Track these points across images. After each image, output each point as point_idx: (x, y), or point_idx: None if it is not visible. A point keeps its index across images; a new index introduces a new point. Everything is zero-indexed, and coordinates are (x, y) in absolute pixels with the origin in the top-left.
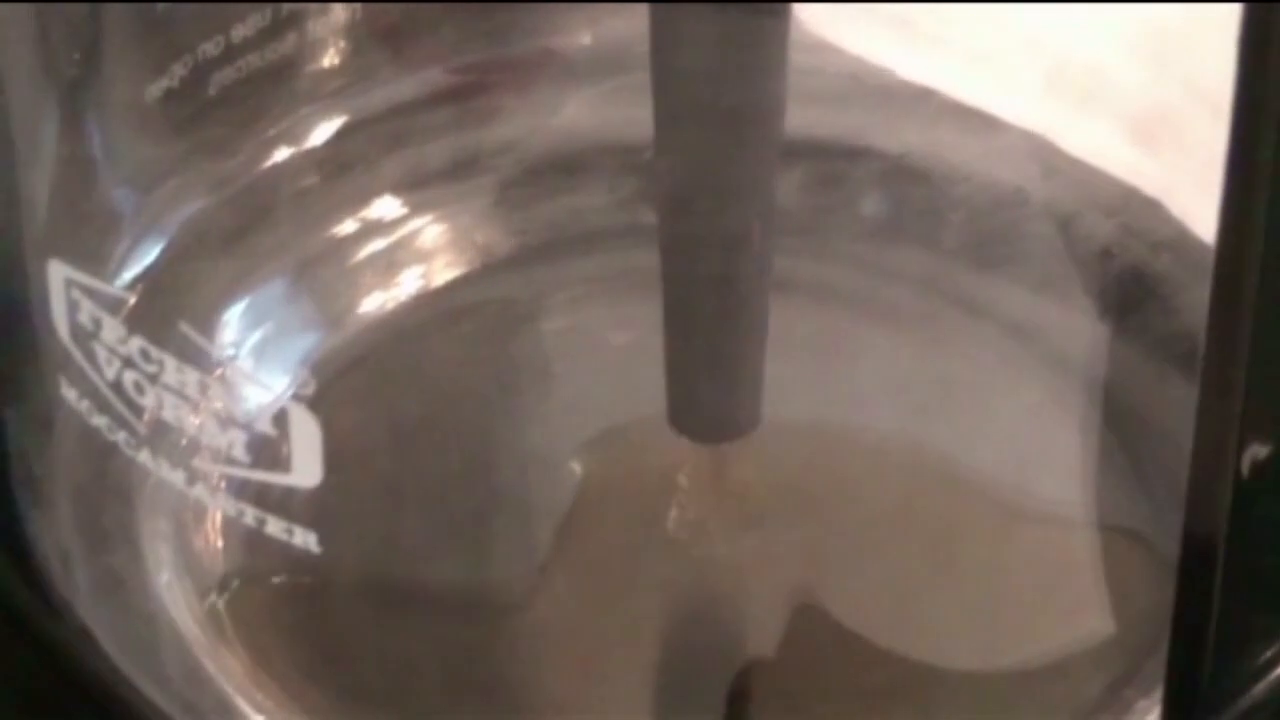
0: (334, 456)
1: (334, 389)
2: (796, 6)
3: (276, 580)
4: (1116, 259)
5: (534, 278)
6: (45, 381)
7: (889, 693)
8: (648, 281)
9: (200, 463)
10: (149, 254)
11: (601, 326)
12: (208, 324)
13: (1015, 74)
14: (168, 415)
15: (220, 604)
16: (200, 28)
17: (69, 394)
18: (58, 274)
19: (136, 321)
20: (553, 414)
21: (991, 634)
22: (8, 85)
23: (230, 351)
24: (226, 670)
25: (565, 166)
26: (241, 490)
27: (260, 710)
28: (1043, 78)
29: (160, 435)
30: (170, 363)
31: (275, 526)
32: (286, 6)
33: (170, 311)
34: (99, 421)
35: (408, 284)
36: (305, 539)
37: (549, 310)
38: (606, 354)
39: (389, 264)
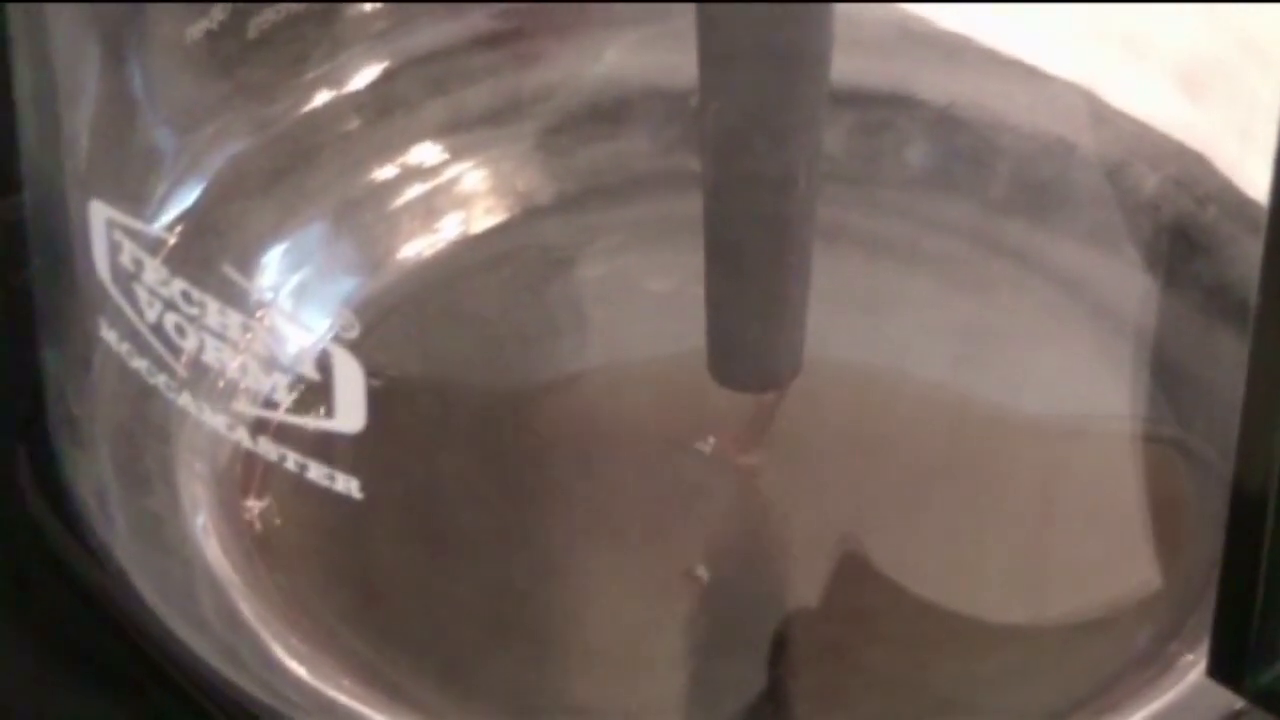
0: (374, 402)
1: (373, 334)
2: None
3: (315, 525)
4: (1163, 211)
5: (574, 224)
6: (85, 322)
7: (935, 642)
8: (689, 229)
9: (241, 407)
10: (189, 195)
11: (642, 274)
12: (247, 267)
13: (1065, 23)
14: (209, 358)
15: (258, 548)
16: None
17: (109, 336)
18: (99, 215)
19: (177, 263)
20: (592, 361)
21: (1037, 586)
22: (51, 25)
23: (269, 295)
24: (263, 615)
25: (607, 113)
26: (283, 435)
27: (296, 655)
28: (1092, 27)
29: (200, 378)
30: (213, 305)
31: (317, 472)
32: None
33: (211, 253)
34: (139, 364)
35: (448, 229)
36: (348, 485)
37: (589, 257)
38: (646, 302)
39: (429, 209)
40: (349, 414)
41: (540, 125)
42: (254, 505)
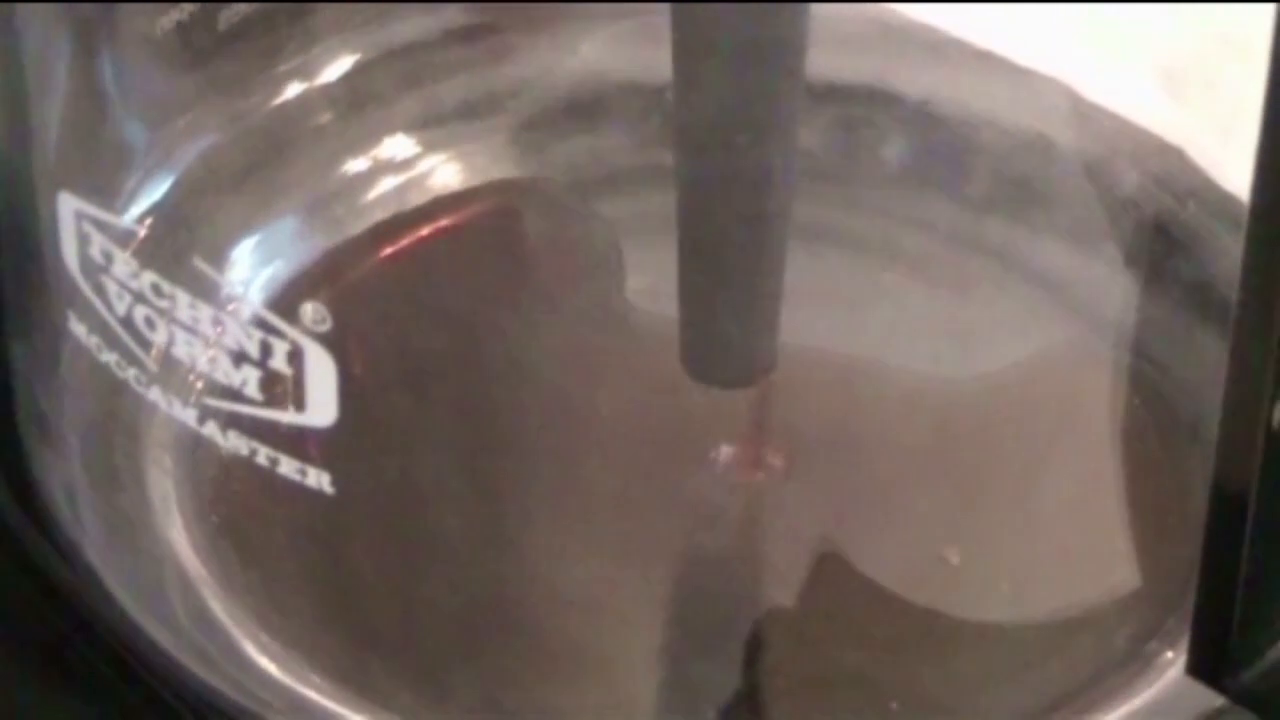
0: (347, 396)
1: (345, 328)
2: None
3: (287, 521)
4: (1143, 208)
5: None
6: (53, 316)
7: (914, 642)
8: (666, 225)
9: (212, 401)
10: (160, 189)
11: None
12: (218, 260)
13: (1045, 19)
14: (179, 352)
15: (229, 545)
16: None
17: (78, 329)
18: (68, 206)
19: (146, 256)
20: (567, 357)
21: (1017, 585)
22: (21, 18)
23: (241, 288)
24: (233, 612)
25: (582, 107)
26: (254, 429)
27: (267, 653)
28: (1073, 23)
29: (170, 372)
30: (183, 298)
31: (288, 467)
32: None
33: (181, 247)
34: (109, 358)
35: (421, 223)
36: (319, 480)
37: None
38: (625, 300)
39: (402, 203)
40: (321, 408)
41: (515, 120)
42: (225, 501)
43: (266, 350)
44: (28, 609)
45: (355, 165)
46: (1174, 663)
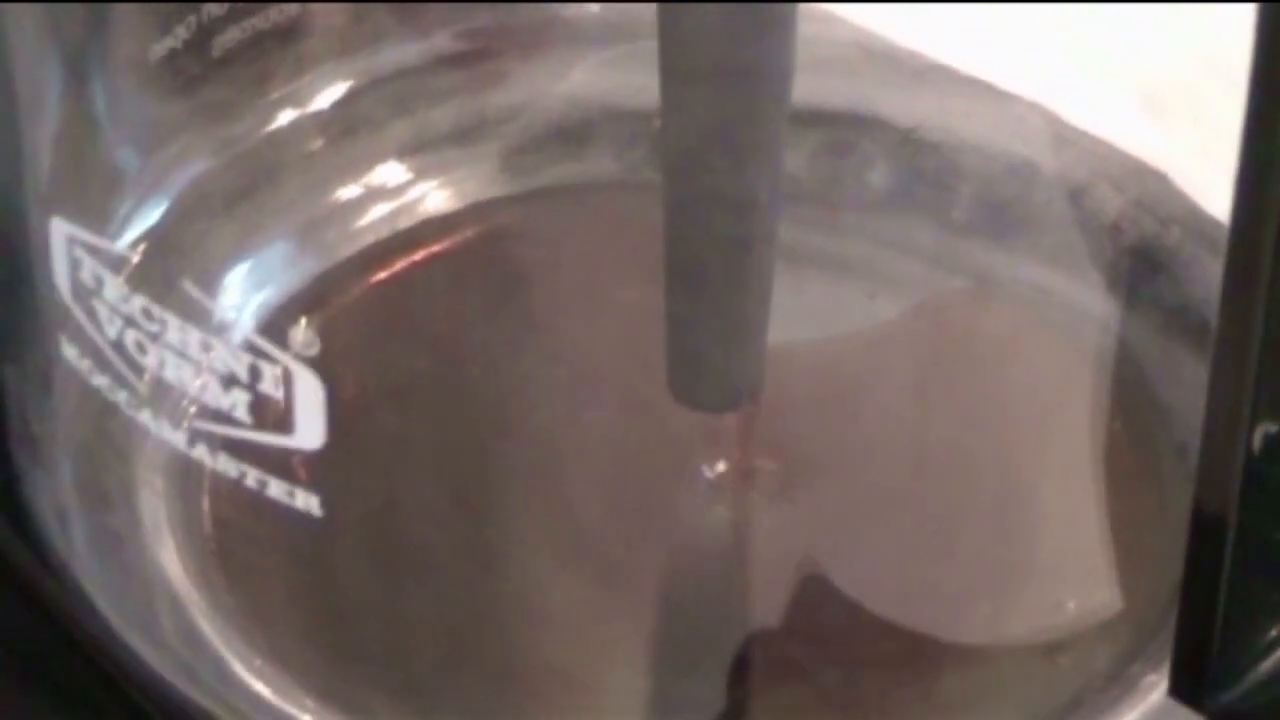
0: (336, 419)
1: (336, 352)
2: None
3: (275, 542)
4: (1126, 232)
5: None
6: (45, 339)
7: (896, 663)
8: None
9: (201, 424)
10: (152, 214)
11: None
12: (210, 285)
13: (1028, 44)
14: (169, 375)
15: (218, 566)
16: None
17: (69, 352)
18: (60, 232)
19: (139, 281)
20: (554, 380)
21: (999, 606)
22: (13, 44)
23: (232, 313)
24: (223, 633)
25: (572, 133)
26: (243, 452)
27: (256, 674)
28: (1056, 48)
29: (161, 395)
30: (173, 322)
31: (277, 489)
32: None
33: (172, 272)
34: (99, 381)
35: (411, 249)
36: (307, 502)
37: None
38: (612, 322)
39: (393, 228)
40: (309, 431)
41: (505, 145)
42: (214, 522)
43: (256, 374)
44: (17, 628)
45: (346, 191)
46: (1157, 685)
